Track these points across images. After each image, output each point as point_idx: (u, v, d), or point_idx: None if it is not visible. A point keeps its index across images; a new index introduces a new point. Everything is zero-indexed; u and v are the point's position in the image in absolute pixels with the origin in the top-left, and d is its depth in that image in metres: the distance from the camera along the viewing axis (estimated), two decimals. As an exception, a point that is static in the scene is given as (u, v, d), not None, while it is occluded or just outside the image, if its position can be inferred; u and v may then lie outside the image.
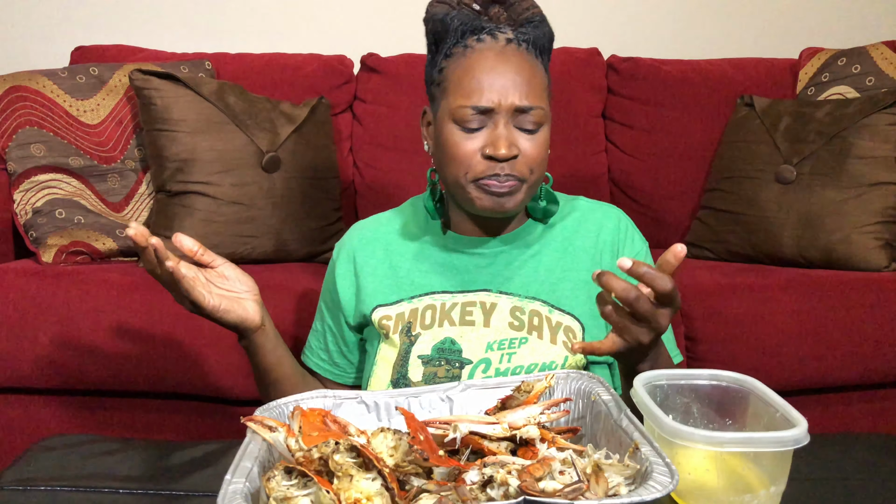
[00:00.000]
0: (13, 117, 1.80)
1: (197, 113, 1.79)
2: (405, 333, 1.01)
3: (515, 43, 0.95)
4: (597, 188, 2.14)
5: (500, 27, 0.95)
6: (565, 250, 1.05)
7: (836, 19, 2.50)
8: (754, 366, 1.54)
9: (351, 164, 2.11)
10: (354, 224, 1.15)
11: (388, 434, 0.65)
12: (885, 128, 1.75)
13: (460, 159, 0.96)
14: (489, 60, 0.94)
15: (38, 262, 1.71)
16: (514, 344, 0.99)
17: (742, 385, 0.73)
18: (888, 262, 1.70)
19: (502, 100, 0.93)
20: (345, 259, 1.10)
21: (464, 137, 0.95)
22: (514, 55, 0.94)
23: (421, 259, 1.06)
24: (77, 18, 2.30)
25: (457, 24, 0.95)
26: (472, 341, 0.99)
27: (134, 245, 0.84)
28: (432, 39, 1.00)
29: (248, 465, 0.61)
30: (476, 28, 0.95)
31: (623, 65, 2.18)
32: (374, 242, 1.09)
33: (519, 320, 1.00)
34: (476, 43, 0.95)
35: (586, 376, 0.77)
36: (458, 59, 0.95)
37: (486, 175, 0.95)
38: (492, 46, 0.94)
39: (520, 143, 0.95)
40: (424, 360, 0.99)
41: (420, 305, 1.02)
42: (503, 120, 0.94)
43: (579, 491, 0.57)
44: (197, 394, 1.54)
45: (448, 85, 0.96)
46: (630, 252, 1.06)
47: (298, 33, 2.37)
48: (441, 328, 1.00)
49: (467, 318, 1.01)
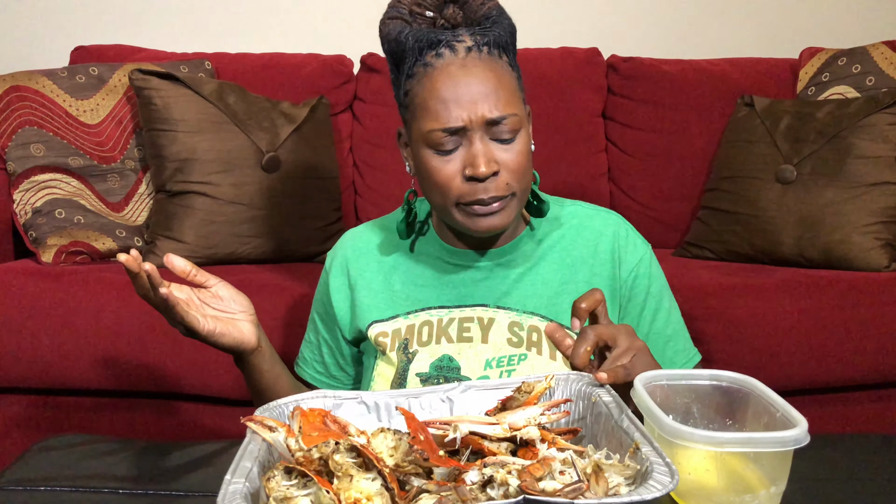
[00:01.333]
0: (13, 117, 1.81)
1: (197, 113, 1.79)
2: (402, 351, 0.99)
3: (476, 49, 0.90)
4: (597, 188, 2.14)
5: (457, 36, 0.90)
6: (563, 262, 1.02)
7: (836, 19, 2.50)
8: (754, 366, 1.54)
9: (351, 164, 2.11)
10: (346, 232, 1.12)
11: (388, 434, 0.65)
12: (885, 128, 1.75)
13: (441, 185, 0.92)
14: (451, 76, 0.89)
15: (38, 262, 1.71)
16: (514, 361, 0.96)
17: (742, 385, 0.73)
18: (888, 262, 1.70)
19: (472, 115, 0.89)
20: (338, 271, 1.07)
21: (441, 161, 0.92)
22: (476, 64, 0.89)
23: (416, 272, 1.04)
24: (77, 18, 2.30)
25: (412, 42, 0.90)
26: (470, 358, 0.97)
27: (126, 272, 0.83)
28: (392, 61, 0.96)
29: (247, 465, 0.61)
30: (432, 42, 0.90)
31: (623, 65, 2.18)
32: (368, 255, 1.07)
33: (517, 336, 0.98)
34: (435, 59, 0.90)
35: (587, 378, 0.77)
36: (420, 80, 0.91)
37: (474, 200, 0.91)
38: (451, 60, 0.89)
39: (498, 156, 0.91)
40: (423, 377, 0.97)
41: (416, 321, 1.00)
42: (477, 135, 0.90)
43: (579, 491, 0.57)
44: (197, 394, 1.54)
45: (415, 109, 0.93)
46: (632, 258, 1.02)
47: (298, 33, 2.37)
48: (438, 345, 0.98)
49: (465, 334, 0.98)
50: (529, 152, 0.94)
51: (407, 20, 0.93)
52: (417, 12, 0.93)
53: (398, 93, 0.97)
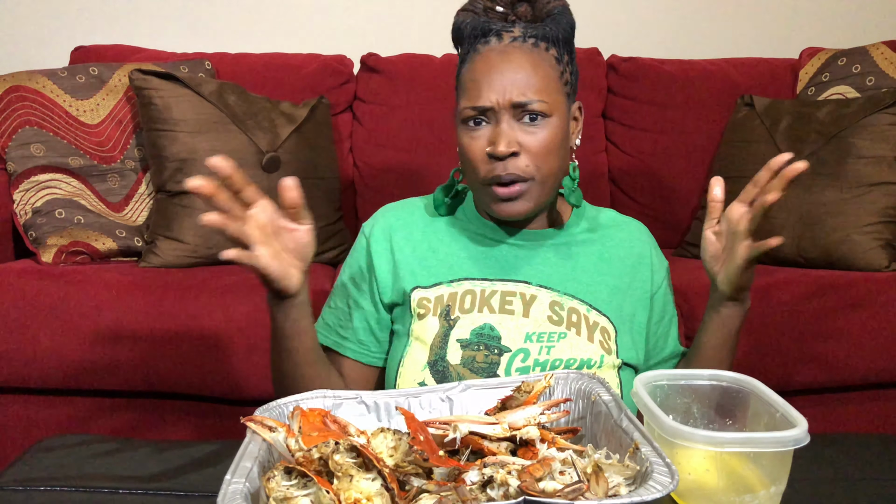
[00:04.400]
0: (13, 117, 1.81)
1: (197, 113, 1.79)
2: (444, 317, 1.01)
3: (521, 39, 0.96)
4: (597, 188, 2.14)
5: (508, 27, 0.96)
6: (601, 256, 1.06)
7: (836, 19, 2.50)
8: (754, 366, 1.54)
9: (351, 164, 2.11)
10: (385, 206, 1.12)
11: (388, 434, 0.65)
12: (885, 128, 1.75)
13: (470, 161, 0.98)
14: (489, 60, 0.96)
15: (38, 262, 1.71)
16: (553, 338, 0.99)
17: (742, 385, 0.73)
18: (888, 262, 1.70)
19: (500, 97, 0.94)
20: (380, 237, 1.07)
21: (470, 139, 0.97)
22: (517, 52, 0.95)
23: (460, 244, 1.06)
24: (77, 18, 2.30)
25: (469, 31, 0.98)
26: (510, 329, 0.99)
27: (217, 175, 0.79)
28: (456, 47, 1.03)
29: (247, 465, 0.61)
30: (484, 31, 0.97)
31: (623, 65, 2.18)
32: (412, 225, 1.08)
33: (558, 315, 1.00)
34: (482, 46, 0.97)
35: (586, 377, 0.77)
36: (468, 64, 0.98)
37: (492, 178, 0.96)
38: (494, 47, 0.96)
39: (521, 137, 0.95)
40: (463, 343, 0.99)
41: (459, 290, 1.02)
42: (504, 117, 0.95)
43: (579, 491, 0.57)
44: (197, 394, 1.54)
45: (459, 90, 1.00)
46: (662, 268, 1.09)
47: (298, 33, 2.37)
48: (480, 314, 1.00)
49: (507, 306, 1.01)
50: (558, 141, 0.97)
51: (478, 13, 0.98)
52: (489, 7, 0.98)
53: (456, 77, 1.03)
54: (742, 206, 0.93)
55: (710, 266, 0.98)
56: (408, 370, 1.00)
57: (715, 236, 0.97)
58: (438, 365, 0.98)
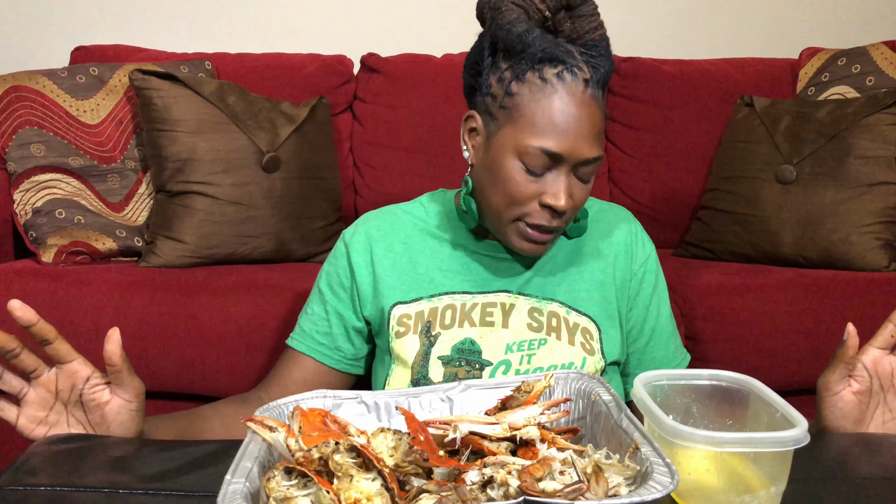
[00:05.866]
0: (13, 117, 1.81)
1: (197, 113, 1.79)
2: (424, 334, 1.00)
3: (592, 86, 0.91)
4: (597, 188, 2.14)
5: (577, 62, 0.91)
6: (579, 252, 1.06)
7: (836, 19, 2.50)
8: (754, 366, 1.54)
9: (351, 164, 2.11)
10: (367, 213, 1.10)
11: (388, 434, 0.64)
12: (885, 128, 1.75)
13: (516, 199, 0.93)
14: (568, 105, 0.90)
15: (38, 262, 1.71)
16: (534, 345, 0.99)
17: (742, 385, 0.73)
18: (888, 262, 1.70)
19: (573, 150, 0.90)
20: (361, 247, 1.05)
21: (526, 179, 0.92)
22: (590, 102, 0.91)
23: (440, 258, 1.05)
24: (77, 18, 2.30)
25: (537, 48, 0.89)
26: (491, 342, 0.99)
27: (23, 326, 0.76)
28: (502, 47, 0.93)
29: (248, 465, 0.61)
30: (554, 58, 0.90)
31: (623, 65, 2.18)
32: (392, 235, 1.06)
33: (538, 321, 1.00)
34: (555, 79, 0.90)
35: (586, 376, 0.77)
36: (535, 91, 0.90)
37: (533, 223, 0.94)
38: (571, 88, 0.90)
39: (575, 193, 0.93)
40: (444, 360, 0.98)
41: (440, 305, 1.01)
42: (567, 169, 0.92)
43: (579, 491, 0.57)
44: (197, 394, 1.54)
45: (518, 115, 0.91)
46: (643, 254, 1.07)
47: (298, 33, 2.37)
48: (461, 328, 1.00)
49: (487, 318, 1.00)
50: None
51: (527, 10, 0.91)
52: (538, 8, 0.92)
53: (488, 80, 0.95)
54: (886, 354, 0.83)
55: (840, 425, 0.83)
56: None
57: (857, 397, 0.83)
58: (420, 383, 0.98)
